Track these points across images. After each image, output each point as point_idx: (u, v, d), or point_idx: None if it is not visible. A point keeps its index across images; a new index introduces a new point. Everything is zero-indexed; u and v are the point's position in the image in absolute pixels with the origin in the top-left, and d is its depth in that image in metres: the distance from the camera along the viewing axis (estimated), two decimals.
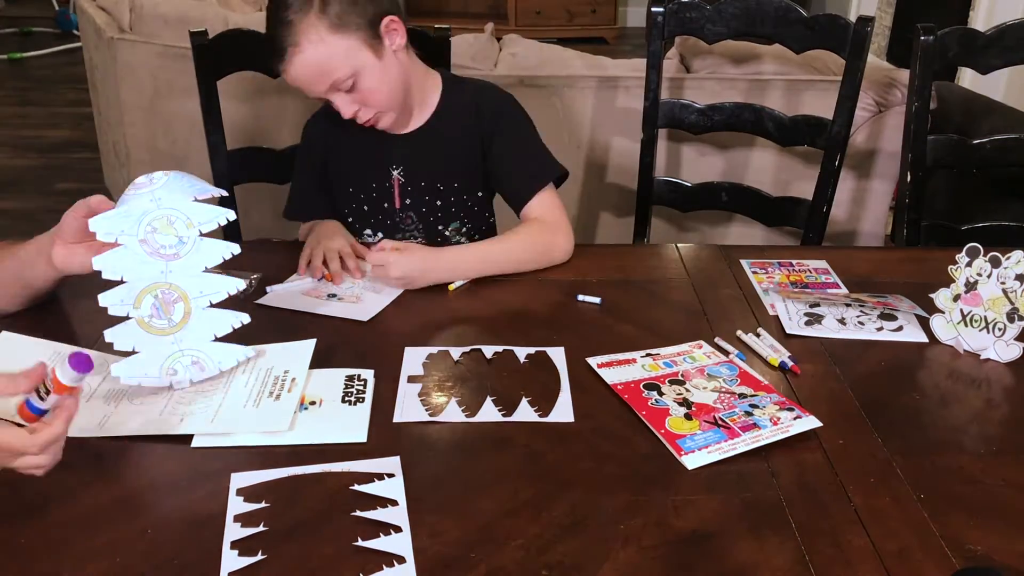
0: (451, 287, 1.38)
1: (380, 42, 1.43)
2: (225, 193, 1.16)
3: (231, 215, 1.10)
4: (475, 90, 1.62)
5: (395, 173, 1.57)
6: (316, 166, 1.62)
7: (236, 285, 1.12)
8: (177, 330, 1.10)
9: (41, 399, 0.89)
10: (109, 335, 1.08)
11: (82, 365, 0.88)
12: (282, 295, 1.37)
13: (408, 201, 1.58)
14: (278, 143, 1.92)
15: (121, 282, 1.08)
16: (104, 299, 1.05)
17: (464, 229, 1.63)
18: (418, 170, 1.58)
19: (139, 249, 1.08)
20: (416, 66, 1.55)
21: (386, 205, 1.59)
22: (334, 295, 1.38)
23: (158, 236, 1.07)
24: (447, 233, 1.62)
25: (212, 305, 1.12)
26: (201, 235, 1.09)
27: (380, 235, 1.60)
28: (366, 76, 1.42)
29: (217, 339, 1.13)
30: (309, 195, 1.63)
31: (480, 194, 1.62)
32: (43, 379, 0.89)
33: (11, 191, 3.63)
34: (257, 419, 1.07)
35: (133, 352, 1.10)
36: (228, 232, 1.68)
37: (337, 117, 1.48)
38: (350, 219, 1.62)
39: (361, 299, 1.37)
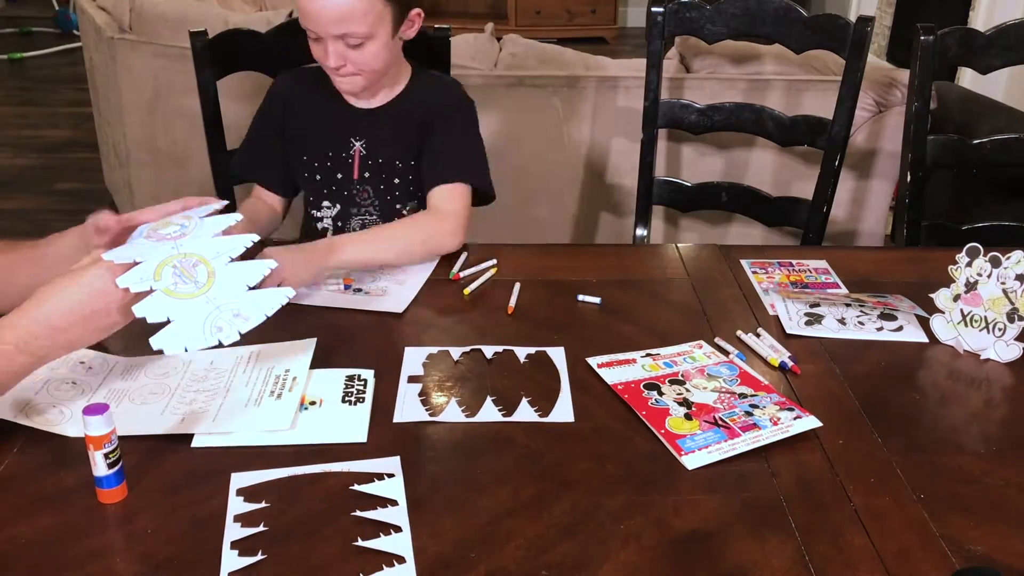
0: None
1: (400, 24, 1.49)
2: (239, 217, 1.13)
3: (255, 237, 1.08)
4: (440, 83, 1.66)
5: (357, 144, 1.59)
6: (274, 126, 1.63)
7: (252, 238, 1.08)
8: (206, 289, 1.03)
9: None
10: (138, 309, 1.01)
11: (99, 410, 0.93)
12: (307, 292, 1.37)
13: (367, 175, 1.60)
14: None
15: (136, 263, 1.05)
16: (123, 280, 1.02)
17: (411, 207, 1.63)
18: (380, 144, 1.59)
19: (145, 242, 1.06)
20: (400, 53, 1.59)
21: (340, 176, 1.60)
22: (360, 289, 1.39)
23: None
24: (404, 213, 1.62)
25: (233, 260, 1.06)
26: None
27: (338, 207, 1.61)
28: (374, 44, 1.46)
29: (251, 289, 1.05)
30: (260, 152, 1.64)
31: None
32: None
33: (11, 191, 3.63)
34: (259, 418, 1.07)
35: (167, 323, 1.02)
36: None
37: (306, 83, 1.54)
38: (303, 190, 1.64)
39: (387, 292, 1.39)
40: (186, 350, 0.98)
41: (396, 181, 1.61)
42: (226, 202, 1.16)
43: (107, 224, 1.11)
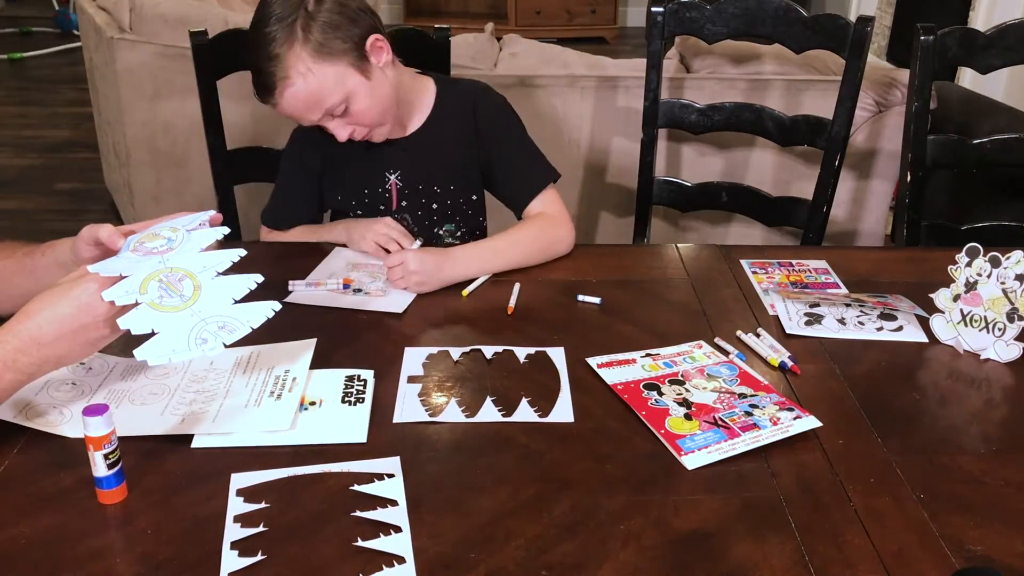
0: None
1: (367, 62, 1.43)
2: (227, 231, 1.13)
3: (242, 252, 1.08)
4: (470, 91, 1.62)
5: (392, 177, 1.58)
6: (305, 172, 1.60)
7: (239, 253, 1.08)
8: (192, 303, 1.04)
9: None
10: (123, 322, 1.02)
11: (98, 411, 0.93)
12: (307, 293, 1.38)
13: (404, 204, 1.59)
14: (278, 143, 1.92)
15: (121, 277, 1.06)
16: (109, 294, 1.03)
17: (459, 232, 1.64)
18: (415, 173, 1.58)
19: (132, 256, 1.06)
20: (403, 75, 1.55)
21: (382, 208, 1.59)
22: (359, 290, 1.39)
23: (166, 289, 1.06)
24: (441, 233, 1.63)
25: (220, 274, 1.07)
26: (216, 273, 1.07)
27: None
28: (358, 98, 1.42)
29: (237, 302, 1.06)
30: (295, 202, 1.62)
31: (474, 197, 1.63)
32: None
33: (11, 191, 3.63)
34: (259, 418, 1.07)
35: (152, 335, 1.02)
36: (228, 234, 1.68)
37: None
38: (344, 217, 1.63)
39: (387, 292, 1.39)
40: (170, 361, 0.99)
41: (435, 206, 1.60)
42: (213, 212, 1.14)
43: (100, 238, 1.10)
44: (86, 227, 1.11)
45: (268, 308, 1.06)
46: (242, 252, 1.08)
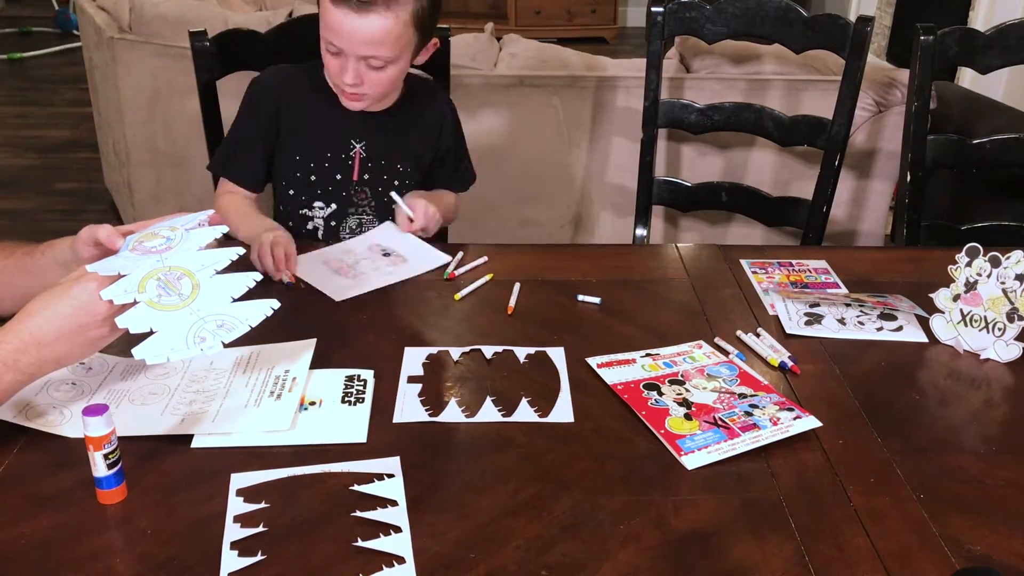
0: (456, 296, 1.38)
1: (419, 52, 1.52)
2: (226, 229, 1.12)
3: (240, 251, 1.08)
4: (439, 97, 1.70)
5: (358, 147, 1.60)
6: (262, 124, 1.59)
7: (237, 252, 1.08)
8: (190, 301, 1.04)
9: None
10: (122, 320, 1.01)
11: (98, 411, 0.94)
12: (356, 284, 1.40)
13: (366, 176, 1.61)
14: None
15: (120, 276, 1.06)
16: (107, 293, 1.03)
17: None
18: (382, 148, 1.61)
19: (130, 255, 1.06)
20: None
21: (339, 177, 1.60)
22: (388, 254, 1.49)
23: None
24: (394, 210, 1.64)
25: (219, 272, 1.06)
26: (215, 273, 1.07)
27: (334, 206, 1.61)
28: (395, 68, 1.49)
29: (235, 300, 1.06)
30: (245, 153, 1.61)
31: (421, 179, 1.69)
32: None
33: (11, 191, 3.63)
34: (258, 418, 1.07)
35: (150, 334, 1.02)
36: (227, 232, 1.68)
37: (300, 83, 1.56)
38: (291, 191, 1.61)
39: (408, 259, 1.47)
40: (168, 360, 0.98)
41: (395, 183, 1.62)
42: (211, 212, 1.14)
43: (99, 238, 1.09)
44: (85, 227, 1.11)
45: (267, 306, 1.06)
46: (240, 251, 1.08)
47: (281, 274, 1.39)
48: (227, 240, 1.12)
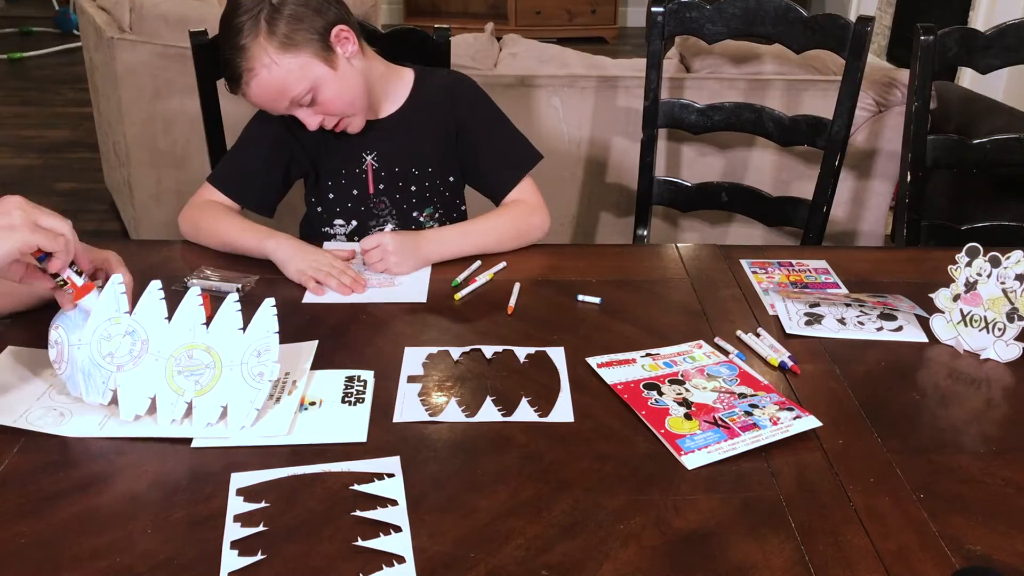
0: (457, 296, 1.37)
1: (333, 53, 1.44)
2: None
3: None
4: (448, 78, 1.65)
5: (368, 158, 1.58)
6: (271, 150, 1.56)
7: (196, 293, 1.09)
8: (219, 363, 1.07)
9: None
10: (205, 440, 1.04)
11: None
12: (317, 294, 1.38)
13: (382, 187, 1.59)
14: None
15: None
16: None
17: (437, 215, 1.64)
18: (392, 155, 1.59)
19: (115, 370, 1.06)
20: (376, 65, 1.55)
21: (356, 192, 1.59)
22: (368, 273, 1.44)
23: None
24: (420, 219, 1.63)
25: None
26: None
27: (354, 223, 1.61)
28: (324, 88, 1.44)
29: (241, 330, 1.08)
30: (248, 175, 1.56)
31: (452, 179, 1.64)
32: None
33: (11, 191, 3.62)
34: (256, 423, 1.07)
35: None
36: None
37: None
38: (318, 208, 1.61)
39: (396, 282, 1.42)
40: (257, 410, 1.05)
41: (413, 188, 1.60)
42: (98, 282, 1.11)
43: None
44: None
45: (268, 308, 1.08)
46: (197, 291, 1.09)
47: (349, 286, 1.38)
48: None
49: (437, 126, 1.59)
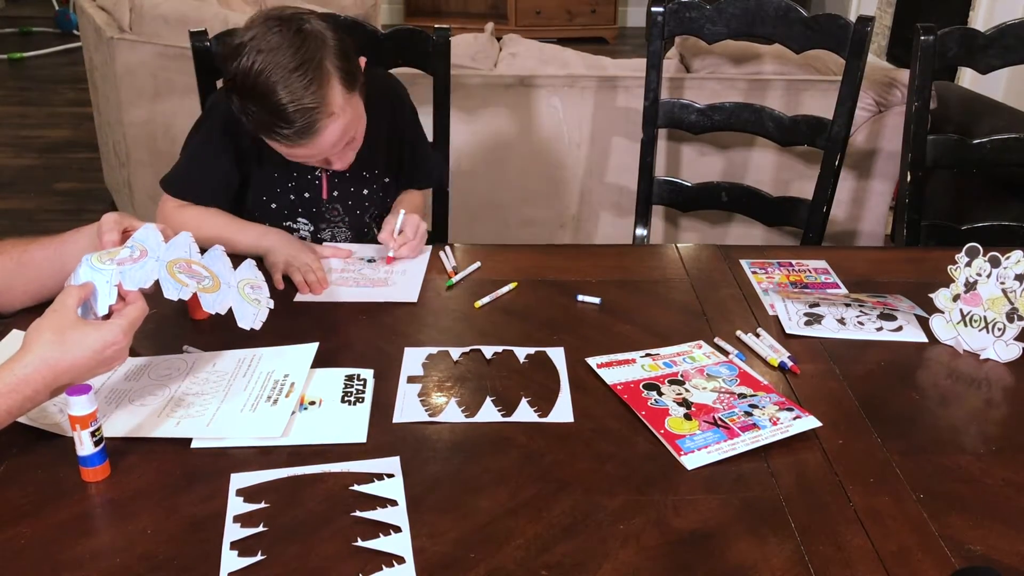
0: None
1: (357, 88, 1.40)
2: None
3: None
4: (386, 82, 1.64)
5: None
6: (221, 148, 1.53)
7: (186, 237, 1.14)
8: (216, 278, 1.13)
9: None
10: (209, 307, 1.13)
11: (83, 390, 0.96)
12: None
13: (336, 193, 1.58)
14: None
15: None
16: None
17: (377, 215, 1.65)
18: None
19: (106, 267, 1.09)
20: None
21: (307, 195, 1.57)
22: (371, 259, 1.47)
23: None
24: (367, 220, 1.63)
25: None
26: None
27: (311, 223, 1.60)
28: (361, 122, 1.42)
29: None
30: (202, 175, 1.55)
31: (387, 180, 1.64)
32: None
33: (11, 191, 3.63)
34: (252, 425, 1.07)
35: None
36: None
37: None
38: (273, 204, 1.58)
39: (389, 282, 1.42)
40: (262, 322, 1.16)
41: (365, 192, 1.60)
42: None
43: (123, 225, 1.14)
44: (107, 215, 1.16)
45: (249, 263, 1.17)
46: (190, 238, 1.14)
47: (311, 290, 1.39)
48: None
49: (382, 129, 1.58)
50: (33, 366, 0.97)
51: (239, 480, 0.98)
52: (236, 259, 1.17)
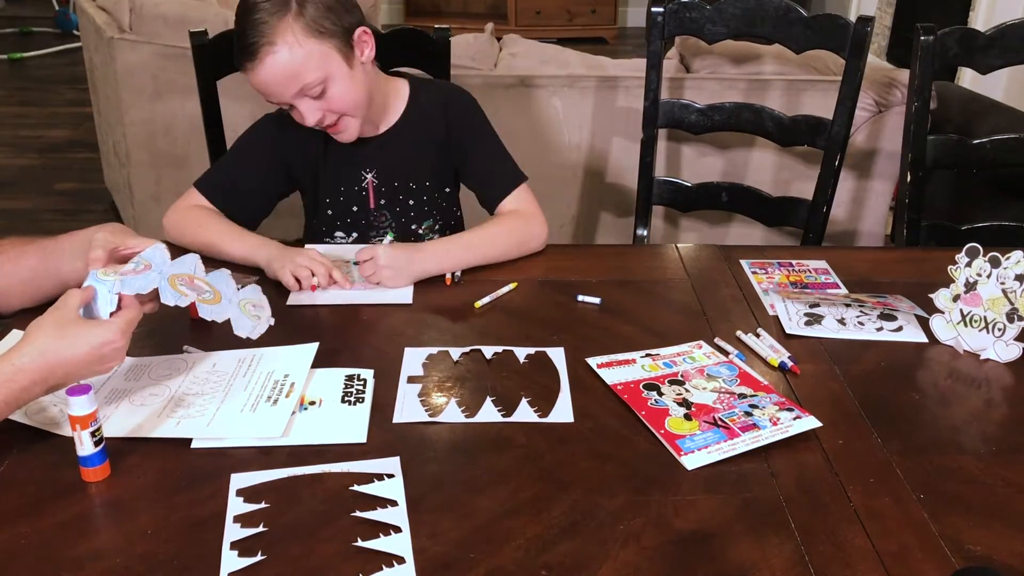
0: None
1: (351, 52, 1.44)
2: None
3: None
4: (442, 91, 1.64)
5: (369, 176, 1.58)
6: (267, 171, 1.56)
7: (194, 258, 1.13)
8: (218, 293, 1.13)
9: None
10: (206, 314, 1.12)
11: (82, 390, 0.96)
12: (309, 294, 1.37)
13: (383, 202, 1.59)
14: None
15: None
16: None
17: (436, 226, 1.64)
18: (392, 170, 1.59)
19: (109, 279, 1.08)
20: (379, 78, 1.55)
21: (355, 208, 1.59)
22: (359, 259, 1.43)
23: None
24: (420, 231, 1.63)
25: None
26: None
27: (355, 235, 1.61)
28: (336, 83, 1.42)
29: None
30: (240, 192, 1.55)
31: (448, 190, 1.65)
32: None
33: (11, 191, 3.63)
34: (252, 425, 1.07)
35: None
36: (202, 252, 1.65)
37: (295, 130, 1.49)
38: (314, 220, 1.61)
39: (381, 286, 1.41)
40: (261, 334, 1.16)
41: (412, 202, 1.60)
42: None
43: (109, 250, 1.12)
44: (101, 234, 1.14)
45: (254, 287, 1.17)
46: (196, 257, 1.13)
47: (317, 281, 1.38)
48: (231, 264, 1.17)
49: (433, 138, 1.59)
50: (30, 356, 0.97)
51: (239, 480, 0.98)
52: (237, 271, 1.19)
